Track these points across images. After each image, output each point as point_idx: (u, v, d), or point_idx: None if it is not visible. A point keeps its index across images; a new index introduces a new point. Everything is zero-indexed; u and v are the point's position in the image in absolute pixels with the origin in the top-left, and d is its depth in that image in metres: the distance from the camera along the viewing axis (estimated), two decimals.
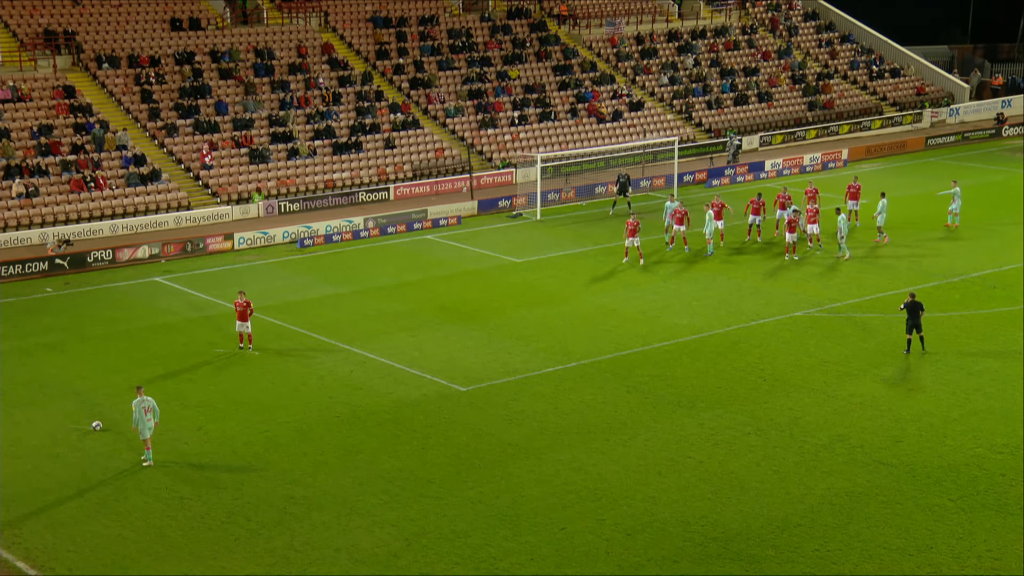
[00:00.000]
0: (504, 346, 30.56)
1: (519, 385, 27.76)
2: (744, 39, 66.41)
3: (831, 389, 27.15)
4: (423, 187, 49.52)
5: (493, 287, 36.45)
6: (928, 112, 64.00)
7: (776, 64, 65.28)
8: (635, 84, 61.43)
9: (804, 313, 32.92)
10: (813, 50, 68.02)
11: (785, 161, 53.97)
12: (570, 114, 57.10)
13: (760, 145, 58.72)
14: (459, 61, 58.13)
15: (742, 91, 62.15)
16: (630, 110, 58.57)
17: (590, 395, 27.08)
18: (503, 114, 55.71)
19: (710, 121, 59.84)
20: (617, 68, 62.17)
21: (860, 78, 66.43)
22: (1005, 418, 25.28)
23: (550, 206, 47.04)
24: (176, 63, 52.13)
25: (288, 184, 48.21)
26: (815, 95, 63.22)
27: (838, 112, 62.80)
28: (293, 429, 25.49)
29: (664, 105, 60.49)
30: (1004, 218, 43.41)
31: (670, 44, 64.76)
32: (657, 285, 36.17)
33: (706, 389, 27.32)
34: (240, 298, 30.02)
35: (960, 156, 56.44)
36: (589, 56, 62.21)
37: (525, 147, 54.02)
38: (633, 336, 31.19)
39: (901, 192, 48.33)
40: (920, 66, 68.23)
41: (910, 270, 36.84)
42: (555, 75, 59.43)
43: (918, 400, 26.43)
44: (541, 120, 56.07)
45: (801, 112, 62.19)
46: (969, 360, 28.82)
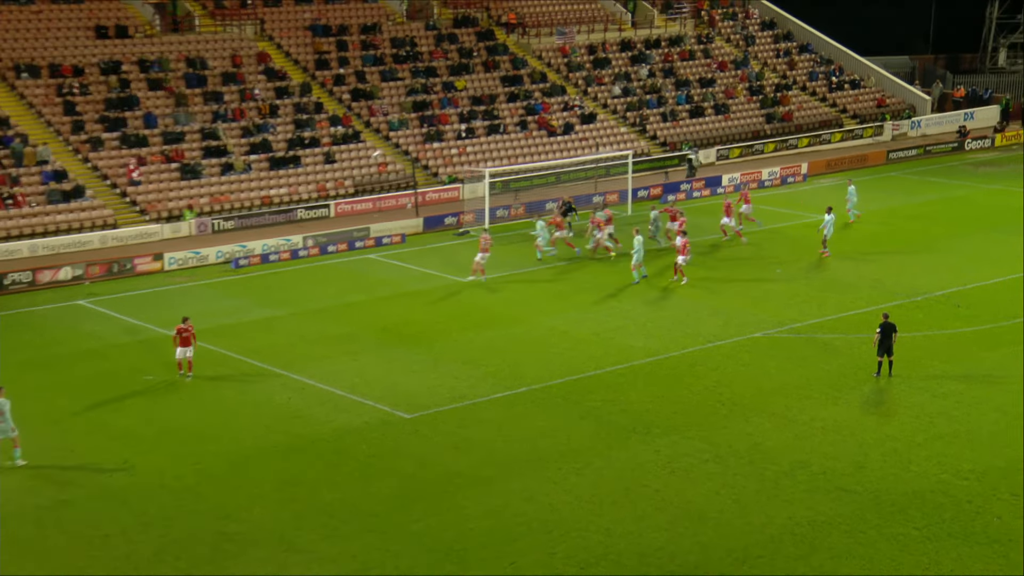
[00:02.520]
0: (451, 370, 30.48)
1: (467, 411, 27.69)
2: (700, 48, 67.17)
3: (792, 413, 27.38)
4: (365, 203, 49.36)
5: (439, 308, 36.39)
6: (889, 125, 65.11)
7: (733, 75, 66.08)
8: (587, 95, 61.83)
9: (764, 334, 33.22)
10: (771, 60, 68.97)
11: (743, 175, 54.55)
12: (519, 127, 57.30)
13: (717, 159, 59.32)
14: (403, 71, 58.13)
15: (698, 103, 62.80)
16: (582, 122, 58.92)
17: (541, 421, 27.07)
18: (449, 127, 55.77)
19: (665, 134, 60.35)
20: (568, 79, 62.55)
21: (819, 89, 67.43)
22: (971, 442, 25.66)
23: (499, 223, 47.11)
24: (101, 73, 51.58)
25: (222, 201, 47.82)
26: (773, 107, 64.06)
27: (797, 124, 63.67)
28: (227, 460, 25.20)
29: (617, 117, 60.92)
30: (968, 235, 44.19)
31: (623, 54, 65.30)
32: (611, 306, 36.31)
33: (662, 414, 27.43)
34: (184, 323, 29.83)
35: (922, 170, 57.45)
36: (539, 66, 62.53)
37: (472, 161, 54.06)
38: (586, 359, 31.26)
39: (863, 207, 48.99)
40: (881, 77, 69.44)
41: (872, 289, 37.35)
42: (504, 86, 59.65)
43: (882, 424, 26.75)
44: (489, 133, 56.20)
45: (759, 124, 62.96)
46: (933, 382, 29.24)
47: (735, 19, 70.81)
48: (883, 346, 29.27)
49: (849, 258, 41.03)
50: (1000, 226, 45.14)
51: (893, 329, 29.20)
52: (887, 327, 29.18)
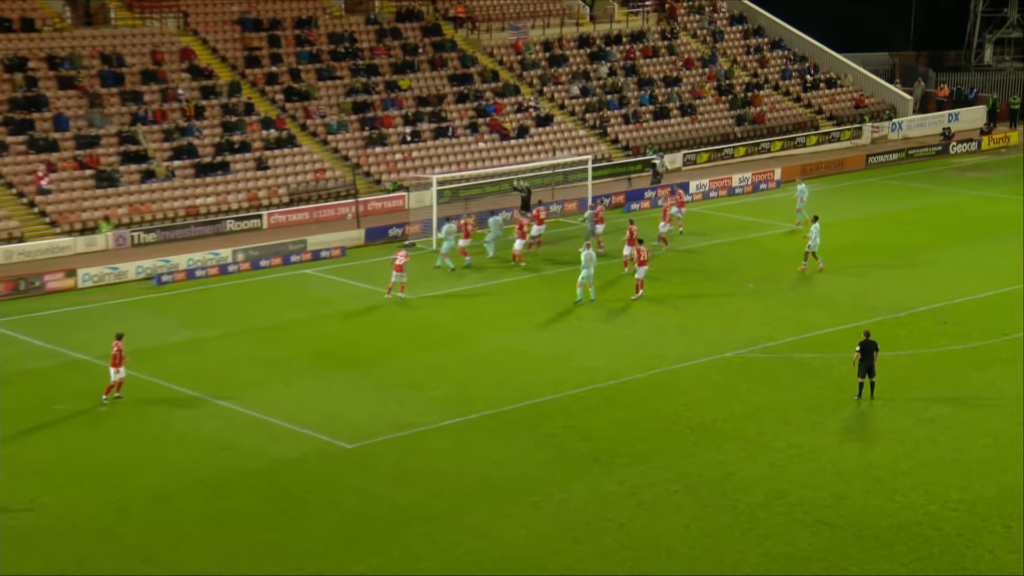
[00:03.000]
0: (396, 395, 30.40)
1: (413, 440, 27.61)
2: (664, 45, 67.73)
3: (767, 439, 27.57)
4: (301, 214, 49.18)
5: (383, 328, 36.31)
6: (868, 127, 65.95)
7: (700, 73, 66.68)
8: (543, 96, 62.08)
9: (736, 353, 33.44)
10: (740, 57, 69.67)
11: (712, 182, 55.01)
12: (469, 130, 57.40)
13: (684, 164, 59.76)
14: (342, 69, 58.04)
15: (662, 103, 63.29)
16: (537, 125, 59.14)
17: (495, 450, 27.05)
18: (393, 130, 55.75)
19: (627, 137, 60.74)
20: (522, 78, 62.78)
21: (793, 89, 68.21)
22: (959, 470, 25.95)
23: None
24: (5, 70, 51.01)
25: (142, 211, 47.43)
26: (744, 108, 64.69)
27: (769, 127, 64.34)
28: (148, 497, 24.94)
29: (575, 119, 61.22)
30: (954, 245, 44.82)
31: (581, 51, 65.68)
32: (570, 323, 36.39)
33: (626, 442, 27.50)
34: (119, 341, 29.95)
35: (904, 176, 58.25)
36: (490, 64, 62.71)
37: (418, 167, 54.08)
38: (543, 382, 31.30)
39: (841, 216, 49.58)
40: (859, 76, 70.35)
41: (852, 304, 37.76)
42: (452, 85, 59.75)
43: (864, 451, 27.00)
44: (436, 137, 56.25)
45: (729, 127, 63.55)
46: (919, 406, 29.57)
47: (702, 13, 71.50)
48: (864, 366, 29.51)
49: (827, 271, 41.44)
50: (989, 235, 45.84)
51: (874, 348, 29.47)
52: (868, 345, 29.45)
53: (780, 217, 49.37)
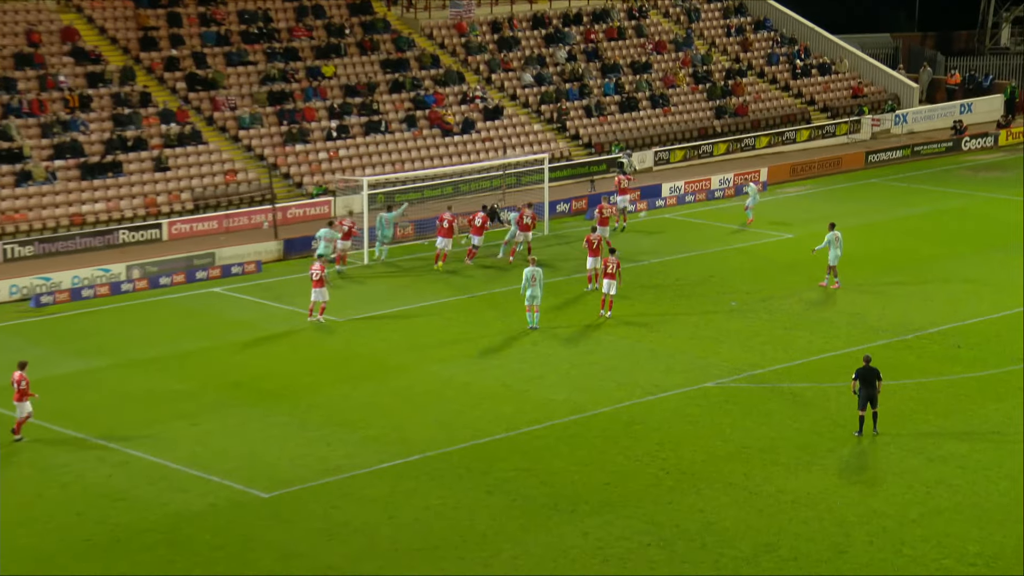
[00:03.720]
0: (321, 435, 30.30)
1: (342, 487, 27.52)
2: (631, 25, 68.18)
3: (754, 484, 27.72)
4: (208, 223, 48.96)
5: (306, 356, 36.19)
6: (868, 120, 66.72)
7: (673, 58, 67.17)
8: (491, 85, 62.24)
9: (717, 383, 33.63)
10: (720, 40, 70.30)
11: (688, 184, 55.39)
12: (406, 124, 57.43)
13: (655, 163, 60.13)
14: (255, 53, 57.91)
15: (630, 93, 63.68)
16: (485, 118, 59.27)
17: (437, 499, 27.02)
18: (316, 124, 55.67)
19: (590, 132, 61.02)
20: (467, 64, 62.92)
21: (781, 76, 68.90)
22: (977, 519, 26.19)
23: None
24: None
25: (16, 220, 47.00)
26: (724, 98, 65.24)
27: (754, 120, 64.91)
28: (27, 560, 24.66)
29: (530, 112, 61.41)
30: (967, 257, 45.38)
31: (535, 32, 65.95)
32: (525, 349, 36.45)
33: (591, 487, 27.56)
34: (22, 371, 30.12)
35: (909, 176, 58.95)
36: (430, 48, 62.79)
37: (346, 168, 53.99)
38: (494, 418, 31.31)
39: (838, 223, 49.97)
40: (856, 60, 71.17)
41: (851, 325, 38.11)
42: (385, 72, 59.77)
43: (866, 496, 27.22)
44: (367, 132, 56.22)
45: (707, 120, 64.03)
46: (929, 442, 29.87)
47: None
48: (864, 396, 29.78)
49: (820, 288, 41.81)
50: (1007, 246, 46.44)
51: (876, 376, 29.71)
52: (868, 373, 29.71)
53: (768, 225, 49.81)
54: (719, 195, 55.29)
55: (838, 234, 41.53)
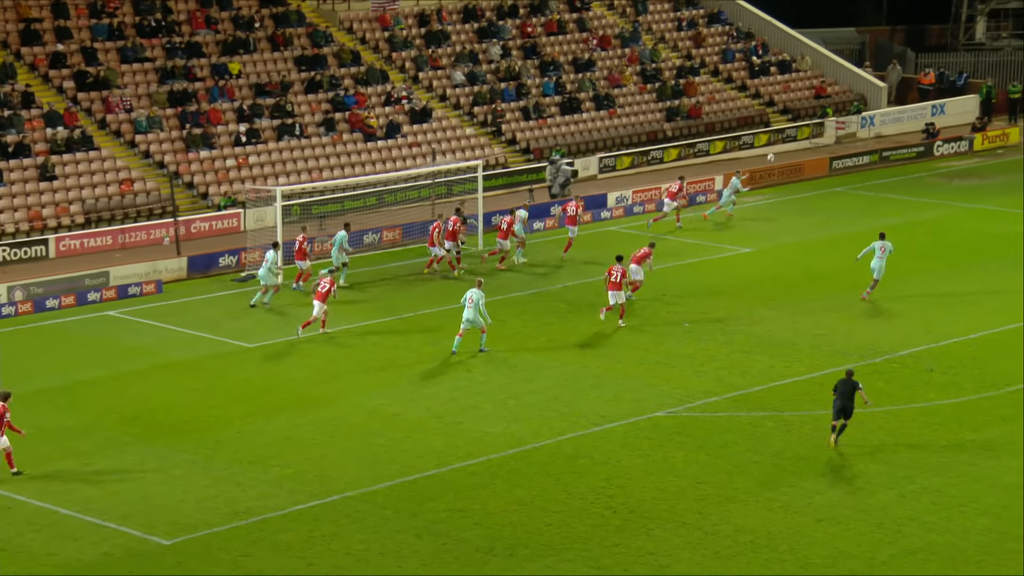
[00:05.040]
0: (230, 474, 30.18)
1: (253, 532, 27.40)
2: (572, 18, 68.51)
3: (710, 523, 27.90)
4: (102, 238, 48.67)
5: (213, 386, 36.03)
6: (832, 123, 67.36)
7: (619, 54, 67.56)
8: (418, 84, 62.31)
9: (669, 412, 33.83)
10: (670, 35, 70.79)
11: (636, 193, 55.67)
12: (323, 128, 57.36)
13: (600, 170, 60.40)
14: (153, 49, 57.66)
15: (572, 93, 63.96)
16: (412, 121, 59.31)
17: (360, 543, 26.99)
18: (222, 128, 55.49)
19: (528, 137, 61.21)
20: (391, 61, 62.95)
21: (737, 74, 69.48)
22: (953, 560, 26.45)
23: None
24: None
25: None
26: (675, 99, 65.69)
27: (707, 123, 65.40)
28: None
29: (461, 114, 61.52)
30: (940, 272, 45.94)
31: (467, 25, 66.10)
32: (459, 376, 36.49)
33: (531, 528, 27.63)
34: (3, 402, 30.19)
35: (877, 184, 59.57)
36: (349, 43, 62.78)
37: (257, 177, 53.82)
38: (424, 453, 31.32)
39: (800, 235, 50.57)
40: (819, 57, 71.84)
41: (815, 348, 38.49)
42: (299, 70, 59.68)
43: (832, 536, 27.46)
44: (280, 137, 56.10)
45: (656, 123, 64.44)
46: (901, 476, 30.18)
47: None
48: (838, 408, 30.96)
49: (781, 306, 42.22)
50: (983, 260, 47.04)
51: (854, 387, 30.83)
52: (845, 385, 30.98)
53: (724, 238, 50.18)
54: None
55: (887, 244, 42.31)
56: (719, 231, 51.05)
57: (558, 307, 42.01)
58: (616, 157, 61.06)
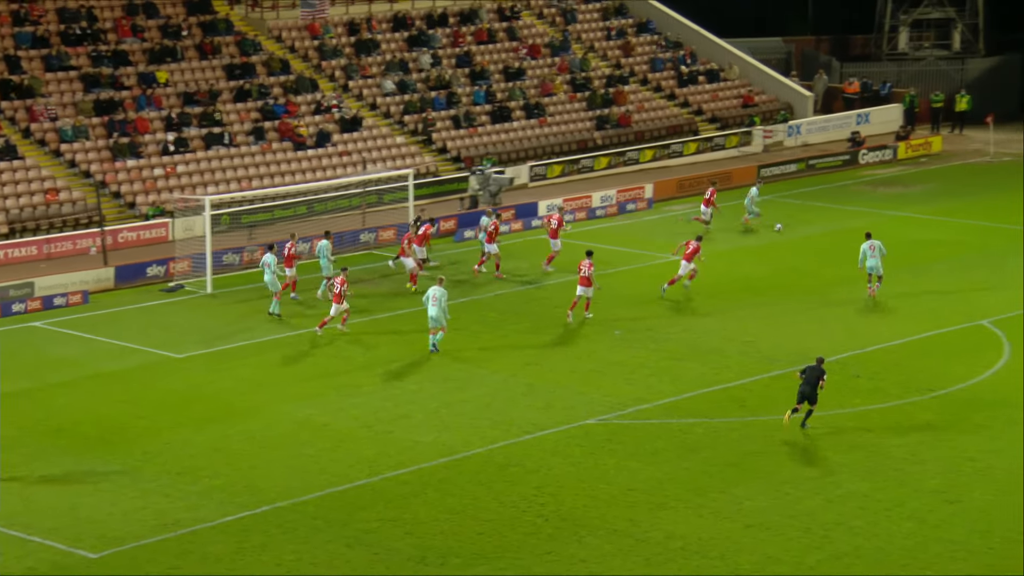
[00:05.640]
0: (158, 486, 29.95)
1: (182, 544, 27.21)
2: (502, 28, 68.59)
3: (641, 530, 27.98)
4: (26, 248, 48.19)
5: (141, 397, 35.79)
6: (759, 131, 67.86)
7: (549, 64, 67.71)
8: (348, 93, 62.16)
9: (600, 420, 33.90)
10: (599, 44, 71.05)
11: (566, 202, 55.78)
12: (253, 137, 57.08)
13: (531, 179, 60.49)
14: (78, 57, 57.16)
15: (502, 102, 64.02)
16: (342, 130, 59.16)
17: (291, 554, 26.84)
18: (150, 137, 55.10)
19: (458, 145, 61.20)
20: (321, 69, 62.76)
21: (666, 84, 69.84)
22: (879, 563, 26.66)
23: (227, 273, 46.69)
24: None
25: None
26: (605, 108, 65.93)
27: (637, 132, 65.67)
28: None
29: (392, 123, 61.42)
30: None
31: (397, 34, 66.02)
32: (390, 386, 36.41)
33: (463, 537, 27.59)
34: None
35: (804, 192, 60.05)
36: (278, 51, 62.53)
37: (185, 186, 53.47)
38: (354, 463, 31.22)
39: (729, 243, 50.86)
40: (747, 67, 72.36)
41: (743, 355, 38.69)
42: (228, 79, 59.37)
43: (762, 542, 27.61)
44: (209, 146, 55.77)
45: (586, 132, 64.62)
46: (828, 481, 30.41)
47: None
48: (801, 394, 32.37)
49: (711, 313, 42.44)
50: (909, 266, 47.47)
51: (819, 375, 32.28)
52: (811, 371, 32.40)
53: (653, 246, 50.35)
54: (601, 213, 55.80)
55: (875, 242, 43.20)
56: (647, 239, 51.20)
57: (488, 316, 42.00)
58: (547, 166, 61.16)
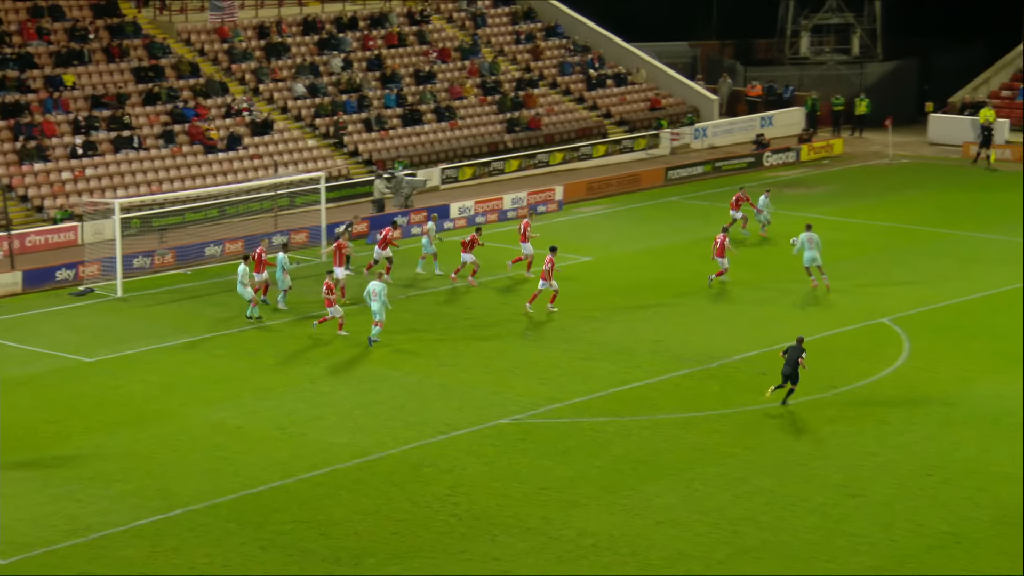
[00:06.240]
0: (69, 491, 29.63)
1: (94, 549, 26.96)
2: (412, 31, 68.56)
3: (553, 528, 28.06)
4: None
5: (50, 402, 35.42)
6: (667, 134, 68.39)
7: (459, 67, 67.76)
8: (259, 96, 61.81)
9: (512, 420, 33.97)
10: (509, 48, 71.23)
11: (478, 204, 55.85)
12: (163, 140, 56.62)
13: (443, 182, 60.50)
14: None
15: (413, 105, 63.98)
16: (253, 133, 58.83)
17: (204, 557, 26.67)
18: (57, 140, 54.53)
19: (370, 148, 61.08)
20: (231, 72, 62.36)
21: (575, 87, 70.16)
22: (784, 557, 26.95)
23: (137, 276, 46.30)
24: None
25: None
26: (515, 111, 66.10)
27: (547, 134, 65.92)
28: None
29: (303, 126, 61.17)
30: (769, 280, 46.77)
31: (307, 38, 65.78)
32: (303, 388, 36.25)
33: (377, 538, 27.54)
34: None
35: (711, 194, 60.51)
36: (188, 55, 62.06)
37: (94, 189, 52.95)
38: (268, 465, 31.05)
39: (637, 244, 51.14)
40: (654, 70, 72.91)
41: (653, 354, 38.93)
42: (137, 82, 58.85)
43: (672, 538, 27.78)
44: (118, 149, 55.25)
45: (497, 135, 64.76)
46: (736, 476, 30.67)
47: None
48: (784, 373, 33.98)
49: (620, 313, 42.65)
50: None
51: (800, 354, 33.82)
52: (793, 351, 33.91)
53: (566, 247, 50.48)
54: (512, 215, 55.89)
55: (813, 235, 44.05)
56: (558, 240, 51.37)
57: (403, 317, 41.90)
58: (458, 168, 61.21)
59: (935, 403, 34.93)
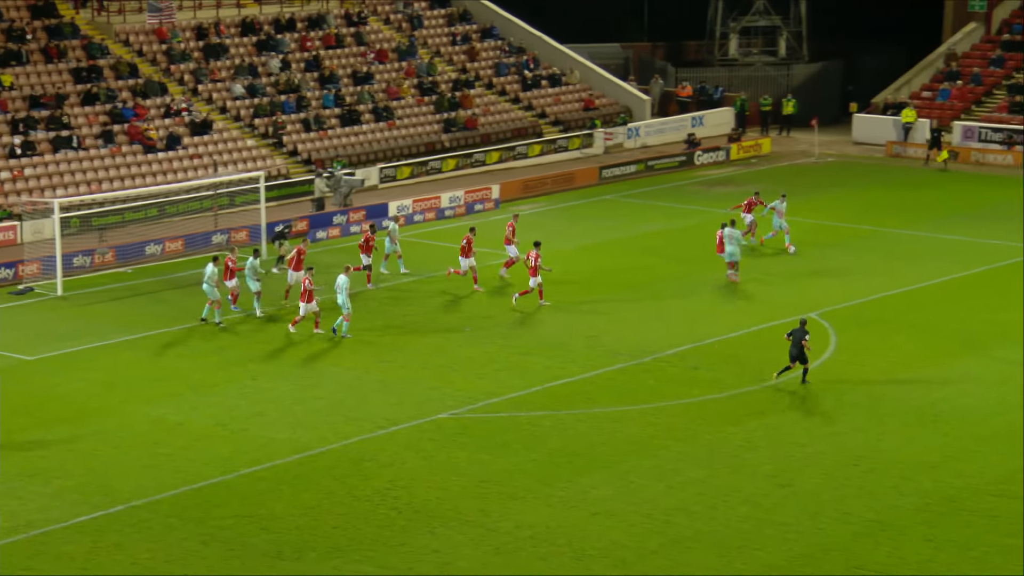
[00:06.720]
0: (9, 488, 29.39)
1: (34, 545, 26.75)
2: (349, 33, 68.41)
3: (491, 520, 28.13)
4: None
5: None
6: (600, 133, 68.65)
7: (396, 68, 67.70)
8: (197, 96, 61.46)
9: (452, 414, 33.99)
10: (445, 49, 71.23)
11: (416, 203, 55.83)
12: (102, 140, 56.18)
13: (381, 181, 60.42)
14: None
15: (351, 105, 63.85)
16: (192, 133, 58.49)
17: (146, 552, 26.52)
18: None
19: (309, 148, 60.90)
20: (169, 73, 61.97)
21: (510, 88, 70.26)
22: (716, 546, 27.16)
23: (77, 275, 45.94)
24: None
25: None
26: (452, 111, 66.11)
27: (483, 134, 65.98)
28: None
29: (242, 126, 60.89)
30: (701, 275, 47.06)
31: (245, 39, 65.48)
32: (243, 384, 36.11)
33: (318, 531, 27.49)
34: None
35: (644, 192, 60.86)
36: (126, 55, 61.62)
37: (33, 189, 52.49)
38: (209, 461, 30.92)
39: (572, 241, 51.30)
40: (587, 71, 73.17)
41: (589, 348, 39.06)
42: (76, 83, 58.37)
43: (607, 529, 27.93)
44: (57, 149, 54.79)
45: (434, 135, 64.75)
46: (669, 468, 30.85)
47: None
48: (792, 354, 34.89)
49: (556, 309, 42.77)
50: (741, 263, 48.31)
51: (803, 335, 34.83)
52: (797, 332, 34.90)
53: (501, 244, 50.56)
54: (449, 213, 55.93)
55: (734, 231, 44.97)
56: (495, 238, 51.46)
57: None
58: (396, 167, 61.17)
59: (861, 395, 35.27)
